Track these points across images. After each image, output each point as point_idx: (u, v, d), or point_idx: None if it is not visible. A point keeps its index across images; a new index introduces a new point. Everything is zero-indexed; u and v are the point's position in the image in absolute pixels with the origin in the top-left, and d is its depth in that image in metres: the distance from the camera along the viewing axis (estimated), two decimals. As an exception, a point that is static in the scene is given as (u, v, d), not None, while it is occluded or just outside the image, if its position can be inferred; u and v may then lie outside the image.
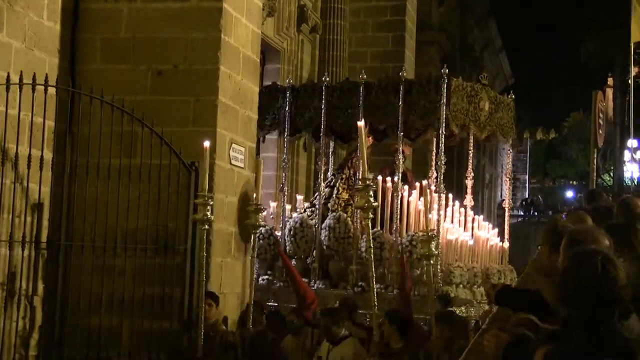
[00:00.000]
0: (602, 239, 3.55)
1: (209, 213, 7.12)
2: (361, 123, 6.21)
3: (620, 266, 3.04)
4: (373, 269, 6.78)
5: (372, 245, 6.74)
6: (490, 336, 3.43)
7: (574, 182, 53.85)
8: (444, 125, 10.79)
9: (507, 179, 13.17)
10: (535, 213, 41.73)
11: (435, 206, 11.09)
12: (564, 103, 52.51)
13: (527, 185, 55.74)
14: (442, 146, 10.94)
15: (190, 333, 7.85)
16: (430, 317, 9.23)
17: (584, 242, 3.37)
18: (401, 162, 12.13)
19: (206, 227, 7.24)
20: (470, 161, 12.40)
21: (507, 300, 4.45)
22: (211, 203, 7.20)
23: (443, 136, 10.90)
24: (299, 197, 12.67)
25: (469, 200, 11.99)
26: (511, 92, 12.23)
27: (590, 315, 2.87)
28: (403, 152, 12.51)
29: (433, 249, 6.78)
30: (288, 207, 12.35)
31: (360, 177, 6.36)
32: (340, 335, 8.00)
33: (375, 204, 6.40)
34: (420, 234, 6.39)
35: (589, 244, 3.36)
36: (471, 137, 11.97)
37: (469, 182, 12.24)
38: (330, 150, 11.93)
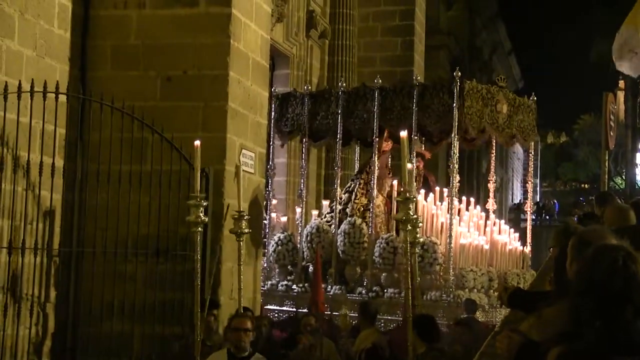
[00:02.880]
0: (610, 239, 3.53)
1: (202, 215, 6.85)
2: (404, 133, 5.78)
3: None
4: (409, 277, 6.29)
5: (411, 251, 6.39)
6: (502, 338, 3.42)
7: (586, 186, 53.74)
8: (456, 128, 10.80)
9: (529, 182, 13.14)
10: (547, 217, 41.68)
11: (443, 207, 11.12)
12: (575, 106, 52.36)
13: (538, 188, 55.65)
14: (454, 150, 10.94)
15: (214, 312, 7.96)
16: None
17: (592, 242, 3.35)
18: (421, 167, 12.22)
19: (199, 229, 6.93)
20: (493, 164, 12.43)
21: (519, 303, 4.44)
22: (205, 204, 6.94)
23: (457, 140, 10.92)
24: (325, 203, 12.68)
25: (491, 204, 12.02)
26: (533, 94, 12.19)
27: (605, 311, 2.85)
28: (424, 156, 12.56)
29: (418, 236, 6.35)
30: (315, 212, 12.45)
31: (403, 188, 5.96)
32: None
33: (415, 216, 6.00)
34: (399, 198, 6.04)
35: (598, 242, 3.34)
36: (493, 141, 12.02)
37: (491, 186, 12.28)
38: (339, 155, 11.93)
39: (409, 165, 5.76)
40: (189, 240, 8.15)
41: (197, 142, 6.88)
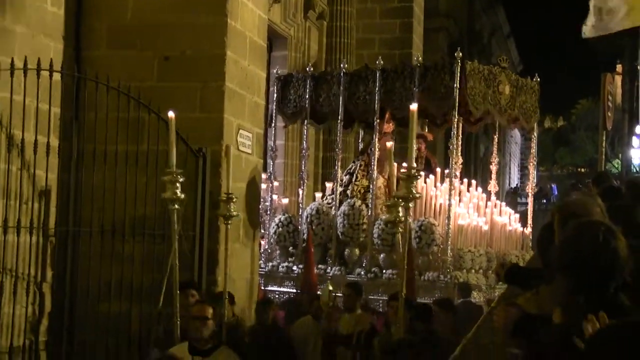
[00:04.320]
0: (594, 208, 3.53)
1: (178, 191, 6.56)
2: (414, 106, 5.69)
3: (622, 238, 3.01)
4: (404, 256, 6.12)
5: (395, 231, 6.25)
6: (499, 311, 3.40)
7: (583, 170, 53.66)
8: (457, 109, 10.76)
9: (530, 163, 13.11)
10: (544, 201, 41.64)
11: (443, 188, 11.10)
12: (572, 90, 52.27)
13: (535, 173, 55.51)
14: (454, 131, 10.90)
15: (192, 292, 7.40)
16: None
17: (576, 213, 3.35)
18: (423, 149, 12.24)
19: (176, 206, 6.61)
20: (495, 146, 12.42)
21: (516, 279, 4.41)
22: (181, 180, 6.62)
23: (457, 121, 10.89)
24: (328, 185, 12.65)
25: (492, 185, 12.01)
26: (536, 74, 12.14)
27: (588, 284, 2.84)
28: (426, 138, 12.54)
29: (400, 215, 5.93)
30: (318, 194, 12.49)
31: (407, 165, 5.79)
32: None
33: (418, 195, 5.90)
34: (389, 201, 5.91)
35: (581, 214, 3.34)
36: (497, 123, 12.00)
37: (493, 168, 12.28)
38: (340, 137, 11.90)
39: (388, 144, 5.72)
40: (186, 221, 8.14)
41: (171, 114, 6.62)
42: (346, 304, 8.83)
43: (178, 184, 6.50)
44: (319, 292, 10.19)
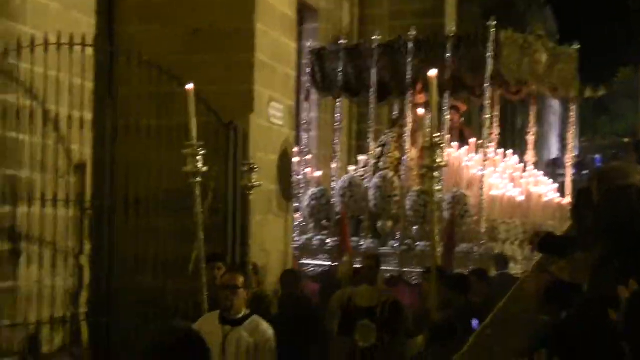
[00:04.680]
0: (633, 174, 3.47)
1: (199, 164, 6.52)
2: (433, 73, 5.49)
3: None
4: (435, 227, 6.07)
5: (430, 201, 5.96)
6: (531, 278, 3.39)
7: (625, 139, 52.94)
8: (489, 79, 10.66)
9: (570, 133, 12.97)
10: (586, 171, 41.12)
11: (476, 158, 11.02)
12: (612, 59, 51.39)
13: (576, 143, 54.89)
14: (488, 101, 10.82)
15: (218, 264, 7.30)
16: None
17: (614, 178, 3.30)
18: (457, 119, 12.17)
19: (197, 179, 6.56)
20: (533, 116, 12.31)
21: (551, 247, 4.37)
22: (202, 152, 6.53)
23: (490, 91, 10.82)
24: (361, 158, 12.62)
25: (530, 155, 11.92)
26: (575, 42, 11.98)
27: (624, 248, 2.81)
28: (459, 109, 12.45)
29: (438, 160, 5.63)
30: (352, 167, 12.47)
31: (430, 133, 5.62)
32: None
33: (444, 164, 5.67)
34: (426, 144, 5.62)
35: (619, 180, 3.29)
36: (535, 92, 11.87)
37: (531, 138, 12.17)
38: (373, 109, 11.86)
39: (420, 111, 5.60)
40: (217, 194, 8.20)
41: (190, 86, 6.52)
42: (366, 276, 8.36)
43: (199, 157, 6.43)
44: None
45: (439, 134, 5.69)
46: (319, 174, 12.58)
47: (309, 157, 12.48)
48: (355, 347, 7.82)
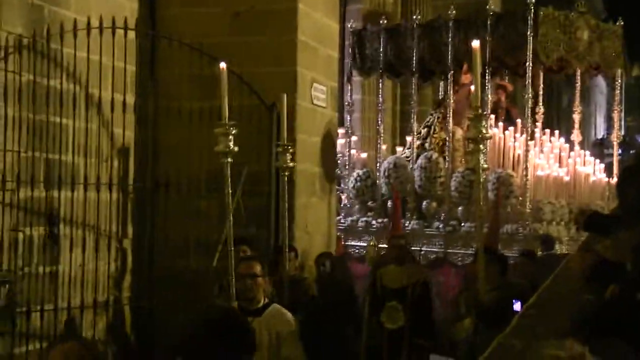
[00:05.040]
0: None
1: (230, 144, 6.13)
2: (476, 43, 5.28)
3: None
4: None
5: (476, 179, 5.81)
6: (576, 257, 3.31)
7: (672, 119, 52.03)
8: (531, 58, 10.52)
9: (616, 112, 12.76)
10: (632, 152, 40.53)
11: (521, 139, 10.88)
12: (661, 37, 50.55)
13: (622, 123, 54.08)
14: (529, 80, 10.68)
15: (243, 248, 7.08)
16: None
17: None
18: (504, 99, 12.04)
19: (228, 159, 6.19)
20: (578, 94, 12.14)
21: (596, 226, 4.27)
22: (233, 132, 6.16)
23: (540, 69, 10.66)
24: (408, 139, 12.54)
25: (576, 135, 11.77)
26: (619, 18, 11.76)
27: None
28: (506, 88, 12.30)
29: (484, 131, 5.37)
30: (400, 149, 12.43)
31: (472, 105, 5.44)
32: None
33: (489, 135, 5.40)
34: (471, 115, 5.38)
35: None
36: (578, 71, 11.71)
37: (576, 117, 12.00)
38: (415, 90, 11.77)
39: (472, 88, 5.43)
40: (261, 176, 8.18)
41: (223, 65, 6.27)
42: (396, 257, 8.12)
43: (231, 137, 6.15)
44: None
45: (482, 107, 5.48)
46: (364, 155, 12.53)
47: (354, 138, 12.42)
48: (383, 329, 7.71)
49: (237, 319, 2.97)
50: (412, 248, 9.50)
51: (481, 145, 5.26)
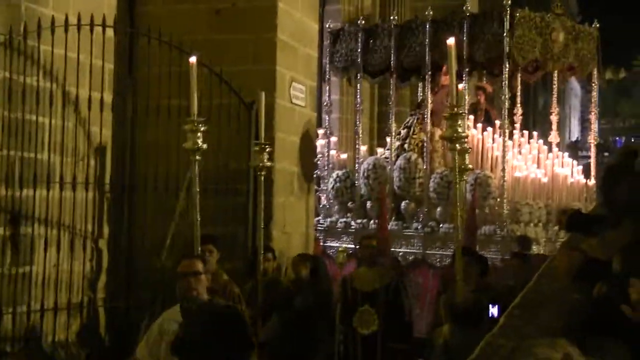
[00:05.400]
0: None
1: (199, 141, 6.05)
2: (451, 40, 5.19)
3: None
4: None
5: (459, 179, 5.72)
6: (562, 256, 3.28)
7: (645, 122, 52.58)
8: (507, 59, 10.52)
9: (593, 113, 12.80)
10: (606, 154, 40.90)
11: (499, 140, 10.88)
12: (634, 42, 50.98)
13: (597, 126, 54.45)
14: (505, 81, 10.69)
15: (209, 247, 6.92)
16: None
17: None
18: (483, 100, 12.06)
19: (197, 157, 6.12)
20: (555, 96, 12.16)
21: (579, 226, 4.25)
22: (202, 129, 6.09)
23: (516, 71, 10.66)
24: (389, 140, 12.53)
25: (553, 136, 11.79)
26: (595, 20, 11.80)
27: None
28: (485, 89, 12.31)
29: (459, 130, 5.26)
30: (380, 150, 12.36)
31: (449, 103, 5.28)
32: None
33: (466, 134, 5.30)
34: (446, 114, 5.28)
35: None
36: (555, 73, 11.74)
37: (554, 118, 12.04)
38: (393, 91, 11.76)
39: (460, 86, 5.37)
40: (240, 174, 8.11)
41: (193, 59, 6.15)
42: (367, 258, 7.88)
43: (199, 134, 6.03)
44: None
45: (459, 105, 5.39)
46: (344, 156, 12.50)
47: (333, 139, 12.39)
48: (356, 334, 7.54)
49: (235, 316, 2.91)
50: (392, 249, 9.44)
51: (457, 145, 5.19)
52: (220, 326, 2.78)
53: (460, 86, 6.05)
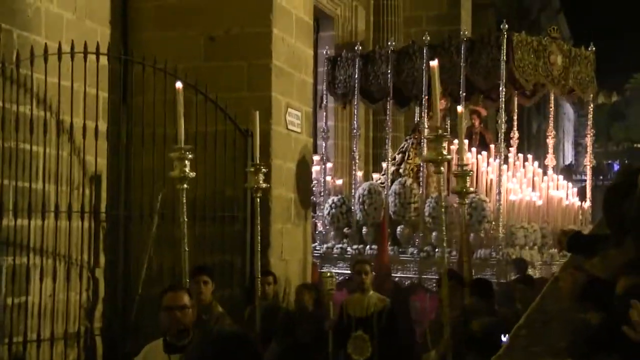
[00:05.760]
0: None
1: (186, 169, 6.08)
2: (434, 63, 5.24)
3: None
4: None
5: (460, 202, 5.65)
6: (566, 276, 3.24)
7: (639, 145, 52.64)
8: (504, 83, 10.54)
9: (588, 136, 12.81)
10: (601, 177, 40.94)
11: (494, 163, 10.87)
12: (626, 65, 51.19)
13: (589, 149, 54.48)
14: (502, 105, 10.70)
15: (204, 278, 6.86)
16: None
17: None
18: (478, 124, 12.08)
19: (184, 186, 6.15)
20: (552, 119, 12.19)
21: (579, 247, 4.22)
22: (190, 157, 6.13)
23: (514, 95, 10.69)
24: (385, 165, 12.50)
25: (550, 159, 11.80)
26: (591, 44, 11.84)
27: None
28: (480, 113, 12.33)
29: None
30: (376, 175, 12.38)
31: (431, 125, 5.45)
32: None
33: (449, 157, 5.36)
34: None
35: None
36: (551, 95, 11.77)
37: (551, 141, 12.09)
38: (389, 116, 11.76)
39: (459, 109, 5.38)
40: (236, 202, 8.07)
41: (179, 84, 6.09)
42: (361, 284, 7.70)
43: (187, 162, 5.93)
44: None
45: (440, 126, 5.38)
46: (340, 182, 12.47)
47: (329, 165, 12.37)
48: None
49: (247, 342, 2.84)
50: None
51: (441, 167, 5.15)
52: (231, 352, 2.71)
53: (459, 109, 6.07)
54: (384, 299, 7.67)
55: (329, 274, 8.73)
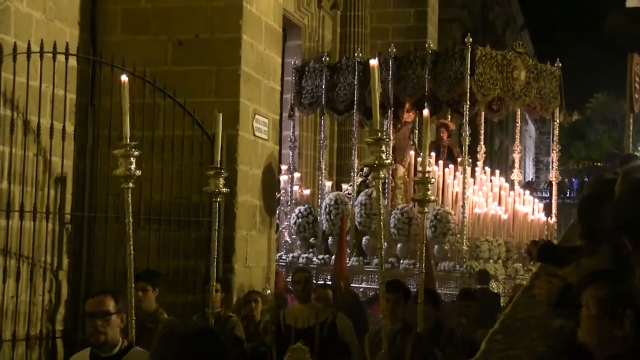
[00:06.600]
0: None
1: (132, 167, 5.59)
2: (374, 62, 4.96)
3: None
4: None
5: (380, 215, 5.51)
6: (542, 283, 3.27)
7: (599, 164, 53.29)
8: (468, 96, 10.61)
9: (554, 151, 12.91)
10: (562, 195, 41.40)
11: (460, 177, 10.94)
12: (587, 84, 51.84)
13: (550, 167, 55.07)
14: (466, 118, 10.79)
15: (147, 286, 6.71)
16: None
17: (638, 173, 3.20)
18: (445, 138, 12.15)
19: (130, 185, 5.69)
20: (518, 133, 12.29)
21: (550, 257, 4.25)
22: (136, 154, 5.64)
23: (468, 107, 10.76)
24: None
25: (516, 174, 11.90)
26: (557, 60, 11.93)
27: None
28: (448, 126, 12.40)
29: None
30: (345, 186, 12.40)
31: (372, 127, 5.10)
32: None
33: (388, 161, 5.00)
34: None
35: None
36: (518, 111, 11.87)
37: (517, 156, 12.16)
38: (356, 127, 11.80)
39: (425, 112, 5.35)
40: (202, 207, 8.03)
41: (124, 77, 5.80)
42: (301, 294, 7.37)
43: (132, 159, 5.55)
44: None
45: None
46: (307, 192, 12.47)
47: (297, 175, 12.37)
48: None
49: (213, 337, 2.83)
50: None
51: (381, 173, 4.97)
52: (197, 347, 2.70)
53: (425, 112, 6.07)
54: (326, 309, 7.43)
55: (268, 291, 8.63)
